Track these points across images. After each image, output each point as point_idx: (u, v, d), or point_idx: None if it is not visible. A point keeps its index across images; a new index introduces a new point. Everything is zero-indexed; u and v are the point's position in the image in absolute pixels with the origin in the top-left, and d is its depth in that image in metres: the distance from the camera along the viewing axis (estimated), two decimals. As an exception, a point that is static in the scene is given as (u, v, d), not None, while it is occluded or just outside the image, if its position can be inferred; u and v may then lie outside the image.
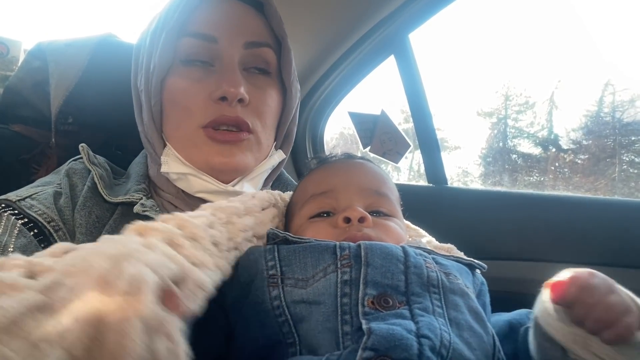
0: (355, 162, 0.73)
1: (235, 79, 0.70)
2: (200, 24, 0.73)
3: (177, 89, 0.72)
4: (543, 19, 2.25)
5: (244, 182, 0.75)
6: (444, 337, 0.44)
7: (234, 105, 0.71)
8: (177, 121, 0.73)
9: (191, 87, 0.71)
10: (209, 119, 0.71)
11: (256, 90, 0.74)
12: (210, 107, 0.71)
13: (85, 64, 0.93)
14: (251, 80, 0.74)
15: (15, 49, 1.63)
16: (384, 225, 0.62)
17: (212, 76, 0.72)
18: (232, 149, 0.72)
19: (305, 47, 1.39)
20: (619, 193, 2.15)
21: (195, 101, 0.71)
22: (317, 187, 0.67)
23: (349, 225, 0.60)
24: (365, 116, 1.59)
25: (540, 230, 1.27)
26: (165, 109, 0.74)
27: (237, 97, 0.70)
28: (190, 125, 0.72)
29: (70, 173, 0.73)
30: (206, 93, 0.71)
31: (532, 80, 2.60)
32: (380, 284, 0.49)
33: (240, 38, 0.73)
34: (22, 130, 0.94)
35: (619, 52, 2.00)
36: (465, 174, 2.94)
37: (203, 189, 0.73)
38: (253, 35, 0.75)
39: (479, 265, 0.63)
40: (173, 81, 0.72)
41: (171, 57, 0.72)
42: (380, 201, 0.66)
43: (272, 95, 0.77)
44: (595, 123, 2.34)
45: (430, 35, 1.42)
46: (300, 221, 0.66)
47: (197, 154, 0.72)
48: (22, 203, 0.65)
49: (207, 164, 0.72)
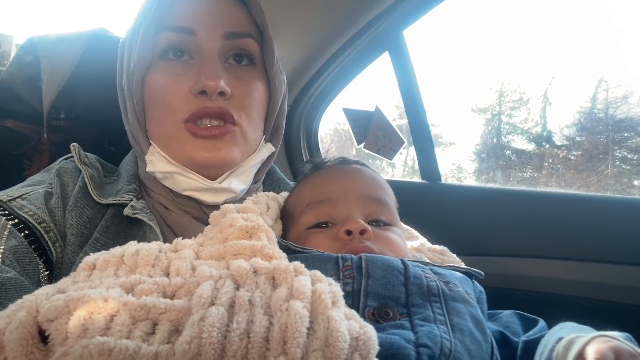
0: (352, 168, 0.72)
1: (214, 72, 0.68)
2: (177, 17, 0.71)
3: (157, 86, 0.70)
4: (537, 15, 2.26)
5: (232, 178, 0.73)
6: (445, 345, 0.44)
7: (215, 98, 0.68)
8: (158, 118, 0.71)
9: (171, 83, 0.70)
10: (190, 112, 0.69)
11: (239, 83, 0.72)
12: (192, 101, 0.69)
13: (78, 59, 0.92)
14: (234, 73, 0.72)
15: (6, 43, 1.61)
16: (385, 238, 0.62)
17: (191, 70, 0.70)
18: (216, 143, 0.70)
19: (300, 42, 1.39)
20: (612, 189, 2.16)
21: (176, 97, 0.69)
22: (314, 195, 0.67)
23: (350, 237, 0.59)
24: (359, 112, 1.59)
25: (533, 227, 1.27)
26: (147, 107, 0.72)
27: (217, 90, 0.67)
28: (172, 121, 0.70)
29: (61, 173, 0.72)
30: (187, 88, 0.69)
31: (526, 76, 2.61)
32: (381, 296, 0.49)
33: (219, 29, 0.71)
34: (13, 126, 0.93)
35: (613, 48, 2.02)
36: (460, 170, 2.95)
37: (190, 187, 0.71)
38: (233, 26, 0.72)
39: (476, 273, 0.62)
40: (153, 78, 0.70)
41: (150, 53, 0.70)
42: (379, 210, 0.65)
43: (257, 87, 0.75)
44: (589, 119, 2.35)
45: (424, 32, 1.42)
46: (298, 231, 0.65)
47: (180, 151, 0.70)
48: (13, 203, 0.64)
49: (191, 160, 0.70)
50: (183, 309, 0.38)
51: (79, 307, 0.37)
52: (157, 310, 0.38)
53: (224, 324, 0.35)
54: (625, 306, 1.13)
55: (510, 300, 0.67)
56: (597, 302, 1.16)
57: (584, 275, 1.19)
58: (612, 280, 1.15)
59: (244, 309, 0.37)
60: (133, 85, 0.71)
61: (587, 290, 1.18)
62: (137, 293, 0.41)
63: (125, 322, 0.36)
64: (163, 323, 0.37)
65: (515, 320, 0.63)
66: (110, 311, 0.37)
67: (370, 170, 0.73)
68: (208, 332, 0.34)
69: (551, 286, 1.23)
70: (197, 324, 0.35)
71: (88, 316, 0.36)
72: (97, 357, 0.32)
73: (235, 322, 0.36)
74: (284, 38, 1.34)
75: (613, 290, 1.14)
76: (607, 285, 1.15)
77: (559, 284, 1.22)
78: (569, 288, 1.21)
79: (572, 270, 1.20)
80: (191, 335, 0.34)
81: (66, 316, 0.36)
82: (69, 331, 0.35)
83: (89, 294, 0.37)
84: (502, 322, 0.63)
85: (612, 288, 1.14)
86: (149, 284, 0.42)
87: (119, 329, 0.36)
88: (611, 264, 1.15)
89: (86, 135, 0.95)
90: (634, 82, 2.10)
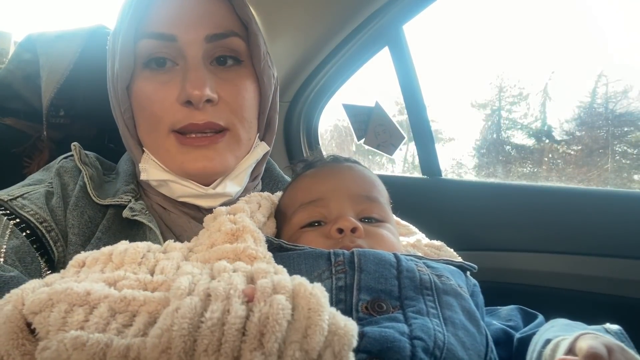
0: (343, 166, 0.72)
1: (198, 80, 0.65)
2: (156, 22, 0.68)
3: (143, 95, 0.68)
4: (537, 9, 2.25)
5: (226, 182, 0.71)
6: (438, 337, 0.44)
7: (202, 106, 0.66)
8: (147, 127, 0.70)
9: (157, 92, 0.67)
10: (178, 124, 0.67)
11: (226, 85, 0.69)
12: (179, 111, 0.67)
13: (77, 57, 0.92)
14: (221, 75, 0.70)
15: (5, 41, 1.61)
16: (377, 234, 0.62)
17: (177, 77, 0.67)
18: (208, 153, 0.68)
19: (299, 38, 1.39)
20: (612, 184, 2.16)
21: (162, 106, 0.67)
22: (306, 195, 0.67)
23: (342, 236, 0.59)
24: (359, 108, 1.59)
25: (534, 221, 1.27)
26: (135, 114, 0.71)
27: (203, 100, 0.65)
28: (161, 130, 0.68)
29: (61, 172, 0.72)
30: (173, 96, 0.67)
31: (526, 71, 2.61)
32: (374, 289, 0.49)
33: (201, 32, 0.68)
34: (13, 124, 0.93)
35: (612, 42, 2.01)
36: (460, 166, 2.95)
37: (184, 194, 0.70)
38: (215, 27, 0.69)
39: (469, 266, 0.63)
40: (138, 86, 0.69)
41: (132, 61, 0.68)
42: (371, 207, 0.65)
43: (246, 87, 0.72)
44: (588, 114, 2.35)
45: (424, 27, 1.41)
46: (291, 230, 0.65)
47: (170, 161, 0.69)
48: (14, 203, 0.63)
49: (184, 170, 0.68)
50: (162, 300, 0.38)
51: (62, 300, 0.37)
52: (136, 302, 0.38)
53: (197, 314, 0.34)
54: (625, 299, 1.13)
55: (511, 295, 0.67)
56: (598, 296, 1.16)
57: (586, 269, 1.19)
58: (613, 274, 1.15)
59: (220, 298, 0.36)
60: (119, 94, 0.69)
61: (590, 284, 1.18)
62: (119, 287, 0.41)
63: (103, 314, 0.36)
64: (141, 315, 0.37)
65: (516, 315, 0.63)
66: (91, 304, 0.37)
67: (362, 167, 0.73)
68: (179, 324, 0.33)
69: (553, 280, 1.23)
70: (170, 315, 0.34)
71: (69, 309, 0.36)
72: (72, 351, 0.32)
73: (210, 311, 0.34)
74: (283, 33, 1.33)
75: (614, 284, 1.15)
76: (608, 279, 1.16)
77: (560, 278, 1.22)
78: (571, 282, 1.21)
79: (574, 264, 1.20)
80: (162, 327, 0.33)
81: (49, 309, 0.37)
82: (50, 324, 0.35)
83: (71, 287, 0.38)
84: (504, 317, 0.64)
85: (614, 282, 1.15)
86: (131, 280, 0.42)
87: (97, 320, 0.36)
88: (612, 258, 1.16)
89: (85, 132, 0.95)
90: (633, 76, 2.10)
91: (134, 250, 0.48)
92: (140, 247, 0.49)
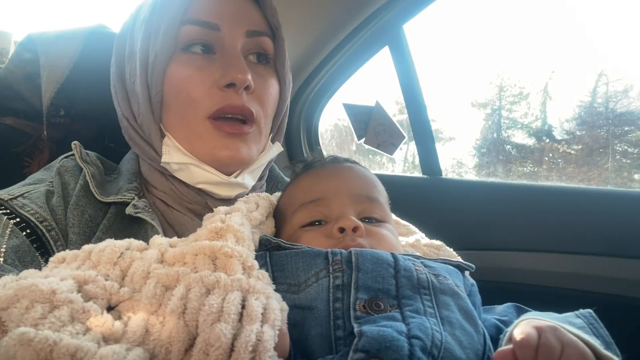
0: (343, 166, 0.72)
1: (242, 66, 0.69)
2: (202, 11, 0.71)
3: (179, 78, 0.70)
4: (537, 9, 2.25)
5: (245, 174, 0.74)
6: (436, 336, 0.45)
7: (241, 92, 0.70)
8: (180, 111, 0.71)
9: (195, 75, 0.70)
10: (214, 107, 0.69)
11: (258, 79, 0.74)
12: (216, 95, 0.69)
13: (77, 56, 0.92)
14: (254, 69, 0.73)
15: (5, 40, 1.61)
16: (377, 234, 0.63)
17: (214, 64, 0.71)
18: (237, 142, 0.71)
19: (299, 37, 1.39)
20: (612, 183, 2.16)
21: (200, 89, 0.69)
22: (306, 194, 0.67)
23: (343, 235, 0.60)
24: (359, 108, 1.59)
25: (534, 221, 1.28)
26: (165, 99, 0.72)
27: (246, 84, 0.69)
28: (195, 115, 0.70)
29: (61, 171, 0.72)
30: (211, 81, 0.69)
31: (526, 71, 2.60)
32: (372, 288, 0.49)
33: (242, 26, 0.73)
34: (13, 123, 0.93)
35: (613, 42, 2.01)
36: (460, 165, 2.95)
37: (205, 179, 0.72)
38: (253, 24, 0.74)
39: (467, 266, 0.63)
40: (174, 70, 0.70)
41: (173, 45, 0.70)
42: (372, 207, 0.66)
43: (272, 85, 0.77)
44: (589, 113, 2.35)
45: (424, 26, 1.41)
46: (291, 230, 0.65)
47: (201, 146, 0.71)
48: (14, 202, 0.63)
49: (213, 156, 0.71)
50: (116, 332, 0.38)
51: (25, 296, 0.36)
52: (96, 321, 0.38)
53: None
54: (625, 299, 1.13)
55: (511, 294, 0.67)
56: (598, 296, 1.16)
57: (586, 268, 1.19)
58: (613, 274, 1.15)
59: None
60: (152, 76, 0.71)
61: (590, 284, 1.18)
62: (86, 292, 0.41)
63: (62, 317, 0.36)
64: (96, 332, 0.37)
65: (512, 312, 0.63)
66: (54, 303, 0.37)
67: (362, 167, 0.73)
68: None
69: (552, 280, 1.23)
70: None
71: (30, 305, 0.36)
72: (19, 347, 0.32)
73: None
74: (284, 33, 1.33)
75: (614, 284, 1.15)
76: (608, 279, 1.16)
77: (560, 277, 1.22)
78: (571, 282, 1.21)
79: (574, 263, 1.20)
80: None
81: (14, 305, 0.36)
82: (11, 320, 0.35)
83: (36, 284, 0.37)
84: (498, 312, 0.64)
85: (614, 281, 1.15)
86: (98, 286, 0.42)
87: (53, 321, 0.35)
88: (612, 257, 1.16)
89: (86, 132, 0.95)
90: (634, 75, 2.10)
91: (111, 250, 0.48)
92: (118, 246, 0.49)
